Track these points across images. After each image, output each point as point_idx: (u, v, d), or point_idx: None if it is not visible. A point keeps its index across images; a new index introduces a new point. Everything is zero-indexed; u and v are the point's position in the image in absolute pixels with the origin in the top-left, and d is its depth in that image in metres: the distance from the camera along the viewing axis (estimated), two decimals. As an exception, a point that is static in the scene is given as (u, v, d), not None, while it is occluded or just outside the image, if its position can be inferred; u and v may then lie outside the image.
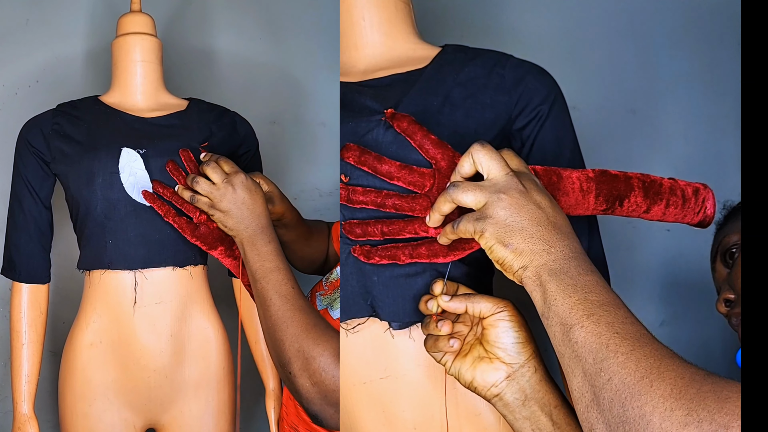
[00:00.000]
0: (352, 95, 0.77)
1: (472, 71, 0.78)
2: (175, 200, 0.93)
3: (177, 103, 1.11)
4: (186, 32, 1.46)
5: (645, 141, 1.57)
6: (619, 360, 0.49)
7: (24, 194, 1.04)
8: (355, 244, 0.71)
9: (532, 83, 0.78)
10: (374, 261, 0.69)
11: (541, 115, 0.77)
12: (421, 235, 0.67)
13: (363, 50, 0.83)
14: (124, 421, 1.04)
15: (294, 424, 1.04)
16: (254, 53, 1.50)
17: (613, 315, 0.52)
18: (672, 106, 1.58)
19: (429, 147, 0.67)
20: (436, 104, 0.75)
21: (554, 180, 0.67)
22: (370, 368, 0.74)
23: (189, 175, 0.91)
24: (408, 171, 0.67)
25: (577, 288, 0.54)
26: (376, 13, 0.83)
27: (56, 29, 1.36)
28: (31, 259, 1.06)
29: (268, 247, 0.84)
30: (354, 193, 0.68)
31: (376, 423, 0.75)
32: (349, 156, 0.68)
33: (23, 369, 1.05)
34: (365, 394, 0.75)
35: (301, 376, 0.75)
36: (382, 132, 0.71)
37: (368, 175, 0.69)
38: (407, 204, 0.67)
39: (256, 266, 0.83)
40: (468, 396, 0.73)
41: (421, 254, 0.67)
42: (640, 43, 1.57)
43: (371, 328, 0.74)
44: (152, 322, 1.02)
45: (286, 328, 0.77)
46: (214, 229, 0.92)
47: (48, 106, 1.07)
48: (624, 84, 1.56)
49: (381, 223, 0.68)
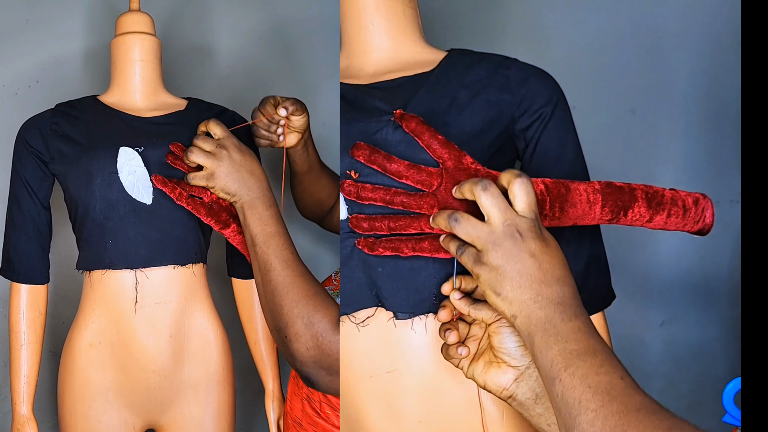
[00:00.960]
0: (361, 96, 0.79)
1: (478, 74, 0.80)
2: (184, 186, 0.93)
3: (176, 102, 1.11)
4: (185, 31, 1.46)
5: (645, 141, 1.57)
6: (589, 417, 0.51)
7: (22, 194, 1.04)
8: (358, 237, 0.73)
9: (535, 85, 0.80)
10: (378, 252, 0.71)
11: (543, 117, 0.79)
12: (426, 232, 0.70)
13: (371, 54, 0.86)
14: (123, 421, 1.04)
15: (298, 419, 1.05)
16: (254, 52, 1.50)
17: (589, 365, 0.54)
18: (672, 106, 1.58)
19: (436, 147, 0.70)
20: (444, 105, 0.77)
21: (563, 192, 0.70)
22: (376, 362, 0.75)
23: (184, 151, 0.91)
24: (416, 170, 0.70)
25: (559, 337, 0.56)
26: (384, 18, 0.85)
27: (56, 29, 1.36)
28: (30, 259, 1.06)
29: (269, 211, 0.84)
30: (363, 189, 0.70)
31: (382, 417, 0.76)
32: (360, 154, 0.70)
33: (22, 370, 1.05)
34: (371, 388, 0.76)
35: (296, 341, 0.75)
36: (391, 132, 0.73)
37: (376, 173, 0.71)
38: (415, 202, 0.69)
39: (256, 230, 0.82)
40: (473, 390, 0.74)
41: (424, 248, 0.70)
42: (640, 43, 1.57)
43: (378, 322, 0.75)
44: (152, 323, 1.01)
45: (286, 293, 0.77)
46: (227, 206, 0.92)
47: (48, 105, 1.06)
48: (624, 84, 1.56)
49: (388, 219, 0.70)
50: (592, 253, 0.81)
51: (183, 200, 0.92)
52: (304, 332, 0.75)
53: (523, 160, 0.82)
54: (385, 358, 0.75)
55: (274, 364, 1.18)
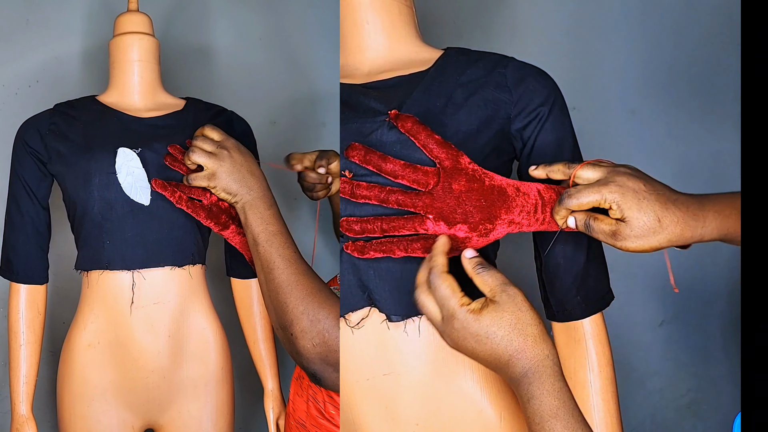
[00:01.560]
0: (357, 96, 0.79)
1: (474, 73, 0.80)
2: (183, 189, 0.93)
3: (174, 102, 1.10)
4: (184, 31, 1.46)
5: (645, 141, 1.57)
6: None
7: (21, 195, 1.04)
8: (347, 240, 0.72)
9: (532, 84, 0.79)
10: (368, 255, 0.70)
11: (541, 117, 0.78)
12: (420, 233, 0.69)
13: (367, 53, 0.85)
14: (122, 421, 1.04)
15: (301, 421, 1.05)
16: (253, 52, 1.50)
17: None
18: (672, 106, 1.58)
19: (433, 147, 0.69)
20: (439, 105, 0.77)
21: (554, 197, 0.70)
22: (373, 365, 0.75)
23: (185, 152, 0.91)
24: (412, 169, 0.69)
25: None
26: (380, 16, 0.84)
27: (57, 29, 1.36)
28: (29, 259, 1.06)
29: (270, 211, 0.84)
30: (358, 187, 0.69)
31: (379, 419, 0.76)
32: (354, 155, 0.70)
33: (21, 370, 1.05)
34: (368, 391, 0.76)
35: (302, 338, 0.75)
36: (386, 132, 0.72)
37: (372, 174, 0.70)
38: (410, 200, 0.68)
39: (258, 229, 0.83)
40: (470, 393, 0.74)
41: (416, 249, 0.69)
42: (640, 43, 1.57)
43: (373, 324, 0.74)
44: (150, 323, 1.01)
45: (291, 291, 0.77)
46: (226, 208, 0.92)
47: (48, 105, 1.06)
48: (624, 84, 1.56)
49: (380, 221, 0.69)
50: (591, 254, 0.81)
51: (183, 203, 0.92)
52: (310, 329, 0.75)
53: (519, 161, 0.81)
54: (382, 361, 0.74)
55: (273, 364, 1.18)
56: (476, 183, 0.68)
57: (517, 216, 0.69)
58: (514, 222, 0.69)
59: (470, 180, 0.68)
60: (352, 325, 0.75)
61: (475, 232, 0.69)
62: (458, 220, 0.68)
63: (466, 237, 0.69)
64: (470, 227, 0.68)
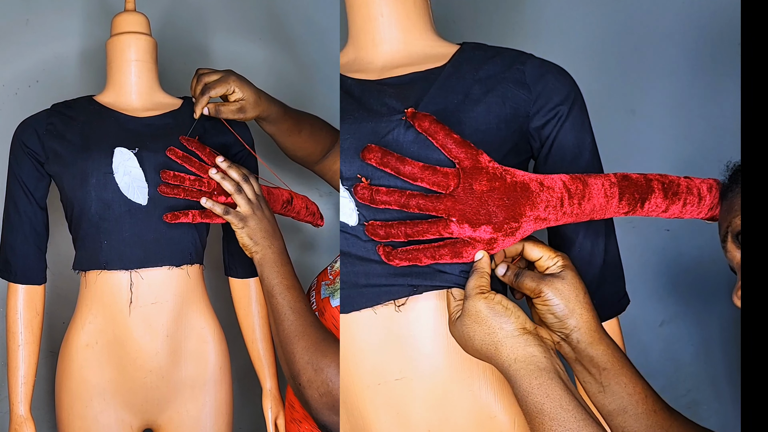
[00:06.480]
0: (371, 93, 0.76)
1: (492, 68, 0.77)
2: (189, 185, 0.93)
3: (171, 102, 1.10)
4: (182, 31, 1.45)
5: (645, 141, 1.57)
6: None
7: (19, 195, 1.04)
8: (355, 238, 0.72)
9: (552, 82, 0.77)
10: (395, 263, 0.69)
11: (560, 116, 0.77)
12: (444, 236, 0.67)
13: (381, 46, 0.82)
14: (120, 421, 1.04)
15: (298, 420, 1.05)
16: (251, 52, 1.50)
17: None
18: (672, 106, 1.58)
19: (452, 147, 0.67)
20: (457, 102, 0.74)
21: (580, 187, 0.68)
22: (384, 369, 0.74)
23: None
24: (431, 171, 0.66)
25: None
26: (395, 8, 0.82)
27: (56, 29, 1.36)
28: (27, 260, 1.06)
29: (286, 267, 0.89)
30: (378, 193, 0.67)
31: (390, 425, 0.75)
32: (371, 157, 0.67)
33: (20, 370, 1.05)
34: (379, 396, 0.75)
35: (309, 387, 0.78)
36: (403, 132, 0.70)
37: (388, 175, 0.68)
38: (431, 204, 0.66)
39: (273, 282, 0.87)
40: (483, 399, 0.73)
41: (444, 255, 0.68)
42: (641, 42, 1.56)
43: (386, 328, 0.73)
44: (148, 323, 1.01)
45: (298, 341, 0.81)
46: (232, 202, 0.93)
47: (48, 105, 1.07)
48: (624, 84, 1.56)
49: (404, 225, 0.67)
50: (608, 259, 0.79)
51: (198, 218, 0.94)
52: (315, 378, 0.78)
53: (537, 159, 0.80)
54: (394, 366, 0.73)
55: (271, 364, 1.18)
56: (498, 181, 0.66)
57: (543, 212, 0.67)
58: (540, 218, 0.67)
59: (491, 179, 0.66)
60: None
61: (501, 232, 0.67)
62: (482, 221, 0.66)
63: (492, 238, 0.67)
64: (495, 227, 0.66)
